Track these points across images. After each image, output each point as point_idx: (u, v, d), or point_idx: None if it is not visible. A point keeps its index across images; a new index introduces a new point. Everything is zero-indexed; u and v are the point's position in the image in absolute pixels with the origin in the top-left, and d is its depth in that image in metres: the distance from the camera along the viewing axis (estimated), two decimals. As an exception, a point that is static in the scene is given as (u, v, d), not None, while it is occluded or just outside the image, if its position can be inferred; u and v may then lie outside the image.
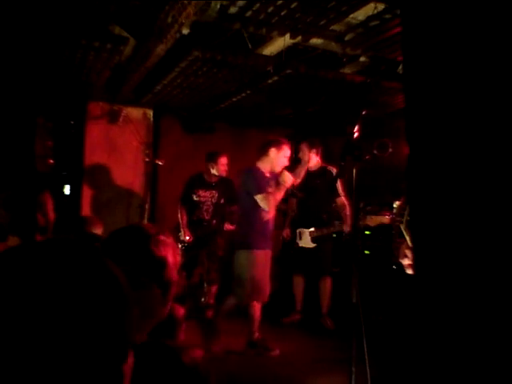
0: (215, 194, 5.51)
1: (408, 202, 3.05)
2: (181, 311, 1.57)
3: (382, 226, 4.88)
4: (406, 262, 3.57)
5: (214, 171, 5.49)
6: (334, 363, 3.93)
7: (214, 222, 5.44)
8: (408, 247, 3.52)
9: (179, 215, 5.54)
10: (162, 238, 1.37)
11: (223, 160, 5.47)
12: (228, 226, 5.44)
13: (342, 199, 5.21)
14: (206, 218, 5.50)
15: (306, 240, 5.33)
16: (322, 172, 5.32)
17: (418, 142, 1.28)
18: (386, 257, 5.01)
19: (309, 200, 5.28)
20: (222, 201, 5.51)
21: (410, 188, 1.32)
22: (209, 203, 5.52)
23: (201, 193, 5.54)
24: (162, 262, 1.33)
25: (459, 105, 1.17)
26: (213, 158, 5.48)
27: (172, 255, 1.37)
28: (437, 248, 1.25)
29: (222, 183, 5.53)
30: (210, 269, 5.43)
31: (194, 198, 5.54)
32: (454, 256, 1.20)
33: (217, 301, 5.44)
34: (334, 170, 5.21)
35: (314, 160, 5.32)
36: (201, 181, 5.57)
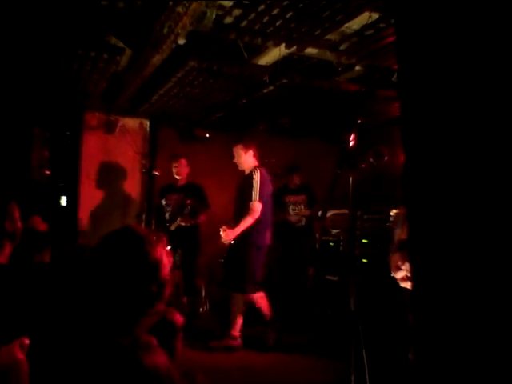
0: (181, 196, 5.60)
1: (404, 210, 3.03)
2: (180, 319, 1.57)
3: (376, 233, 4.85)
4: (399, 275, 3.43)
5: (174, 172, 5.68)
6: (332, 371, 3.92)
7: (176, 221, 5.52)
8: (401, 258, 3.39)
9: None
10: (154, 238, 1.37)
11: (182, 161, 5.68)
12: (183, 220, 5.44)
13: (249, 204, 4.66)
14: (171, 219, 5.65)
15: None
16: (248, 177, 4.80)
17: (414, 149, 1.28)
18: (383, 265, 4.99)
19: (235, 206, 4.98)
20: (188, 201, 5.49)
21: (406, 196, 1.33)
22: (174, 206, 5.64)
23: (169, 197, 5.72)
24: (157, 263, 1.33)
25: (454, 112, 1.18)
26: (173, 159, 5.71)
27: (165, 254, 1.38)
28: (435, 257, 1.25)
29: (189, 187, 5.67)
30: (190, 280, 5.47)
31: (163, 202, 5.73)
32: (454, 265, 1.20)
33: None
34: (257, 173, 4.73)
35: (250, 162, 4.85)
36: (169, 186, 5.77)
